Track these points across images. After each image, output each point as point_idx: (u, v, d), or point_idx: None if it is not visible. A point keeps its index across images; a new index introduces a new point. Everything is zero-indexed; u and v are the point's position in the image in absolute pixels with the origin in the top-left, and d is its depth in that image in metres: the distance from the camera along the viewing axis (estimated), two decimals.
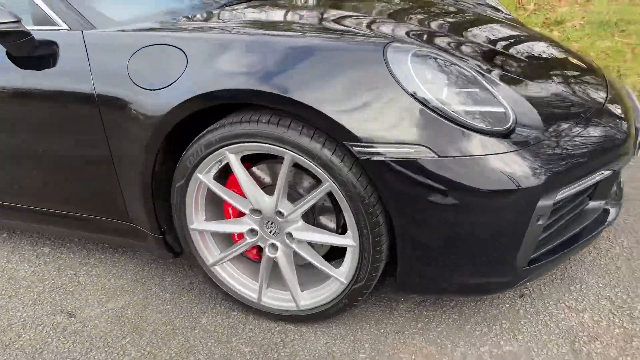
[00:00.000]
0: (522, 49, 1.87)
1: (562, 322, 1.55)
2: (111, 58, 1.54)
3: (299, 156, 1.35)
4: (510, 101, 1.36)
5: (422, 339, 1.54)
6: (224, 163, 1.49)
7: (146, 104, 1.47)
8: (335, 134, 1.30)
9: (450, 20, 2.08)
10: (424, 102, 1.26)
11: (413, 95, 1.26)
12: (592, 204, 1.58)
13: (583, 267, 1.76)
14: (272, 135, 1.36)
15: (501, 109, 1.32)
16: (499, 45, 1.82)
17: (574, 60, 1.89)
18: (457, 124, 1.25)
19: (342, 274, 1.49)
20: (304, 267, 1.62)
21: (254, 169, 1.57)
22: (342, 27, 1.73)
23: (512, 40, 1.95)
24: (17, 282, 1.93)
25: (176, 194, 1.57)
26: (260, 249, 1.61)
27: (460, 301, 1.66)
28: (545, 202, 1.30)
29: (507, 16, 2.41)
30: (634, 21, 4.45)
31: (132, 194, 1.66)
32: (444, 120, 1.25)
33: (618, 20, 4.48)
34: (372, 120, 1.27)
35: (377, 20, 1.93)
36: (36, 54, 1.63)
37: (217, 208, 1.66)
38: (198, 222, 1.60)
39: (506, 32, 2.02)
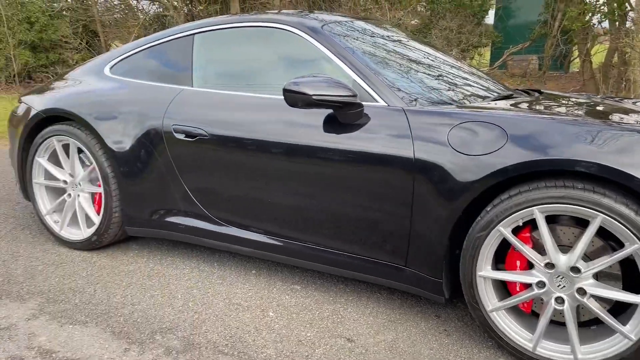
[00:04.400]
0: None
1: None
2: (432, 130, 1.93)
3: (610, 219, 1.61)
4: None
5: None
6: (524, 220, 1.78)
7: (464, 167, 1.83)
8: None
9: None
10: None
11: None
12: None
13: None
14: (586, 199, 1.64)
15: None
16: None
17: None
18: None
19: (631, 330, 1.66)
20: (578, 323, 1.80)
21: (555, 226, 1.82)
22: None
23: None
24: (287, 309, 2.25)
25: (472, 244, 1.86)
26: (534, 301, 1.83)
27: None
28: None
29: None
30: None
31: (422, 243, 1.97)
32: None
33: None
34: None
35: None
36: (360, 122, 2.08)
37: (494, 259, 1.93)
38: (486, 270, 1.87)
39: None
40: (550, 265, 1.76)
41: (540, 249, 1.79)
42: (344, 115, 2.07)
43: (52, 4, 11.14)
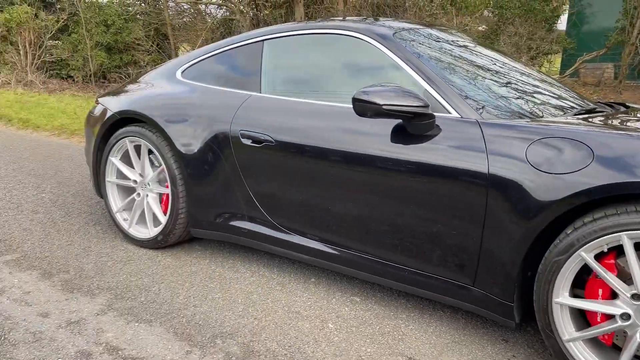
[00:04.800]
0: None
1: None
2: (509, 145, 1.83)
3: None
4: None
5: None
6: (609, 246, 1.64)
7: (543, 186, 1.72)
8: None
9: None
10: None
11: None
12: None
13: None
14: None
15: None
16: None
17: None
18: None
19: None
20: None
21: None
22: None
23: None
24: (347, 322, 2.21)
25: (549, 268, 1.74)
26: (616, 333, 1.69)
27: None
28: None
29: None
30: None
31: (493, 262, 1.88)
32: None
33: None
34: None
35: None
36: (431, 133, 2.00)
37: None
38: (563, 297, 1.74)
39: None
40: (637, 297, 1.62)
41: (626, 277, 1.66)
42: (414, 126, 2.01)
43: (127, 8, 11.70)
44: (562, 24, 11.41)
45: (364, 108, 1.96)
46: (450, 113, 2.03)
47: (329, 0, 11.23)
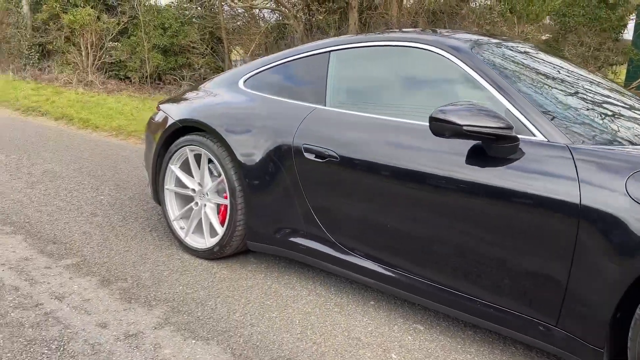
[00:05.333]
0: None
1: None
2: (605, 174, 1.66)
3: None
4: None
5: None
6: None
7: None
8: None
9: None
10: None
11: None
12: None
13: None
14: None
15: None
16: None
17: None
18: None
19: None
20: None
21: None
22: None
23: None
24: (411, 353, 2.07)
25: None
26: None
27: None
28: None
29: None
30: None
31: (581, 302, 1.70)
32: None
33: None
34: None
35: None
36: (513, 157, 1.85)
37: None
38: None
39: None
40: None
41: None
42: (496, 148, 1.86)
43: (184, 12, 11.95)
44: (628, 33, 10.82)
45: (441, 128, 1.84)
46: (534, 135, 1.87)
47: (383, 6, 11.10)
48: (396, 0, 10.81)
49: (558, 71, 2.44)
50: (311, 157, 2.40)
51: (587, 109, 2.12)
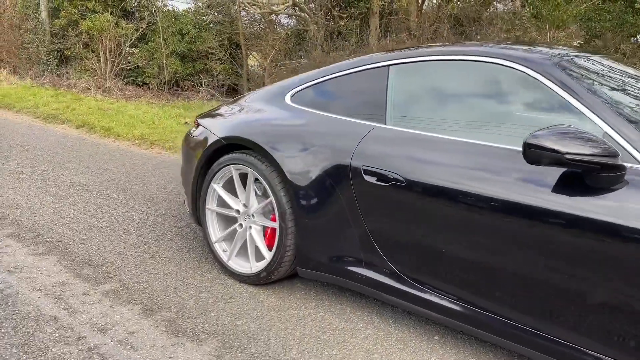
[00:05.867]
0: None
1: None
2: None
3: None
4: None
5: None
6: None
7: None
8: None
9: None
10: None
11: None
12: None
13: None
14: None
15: None
16: None
17: None
18: None
19: None
20: None
21: None
22: None
23: None
24: None
25: None
26: None
27: None
28: None
29: None
30: None
31: None
32: None
33: None
34: None
35: None
36: (615, 187, 1.66)
37: None
38: None
39: None
40: None
41: None
42: (597, 178, 1.68)
43: (201, 17, 11.86)
44: None
45: (538, 155, 1.65)
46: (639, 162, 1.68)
47: (404, 11, 10.94)
48: (416, 5, 10.64)
49: None
50: (372, 179, 2.22)
51: None
